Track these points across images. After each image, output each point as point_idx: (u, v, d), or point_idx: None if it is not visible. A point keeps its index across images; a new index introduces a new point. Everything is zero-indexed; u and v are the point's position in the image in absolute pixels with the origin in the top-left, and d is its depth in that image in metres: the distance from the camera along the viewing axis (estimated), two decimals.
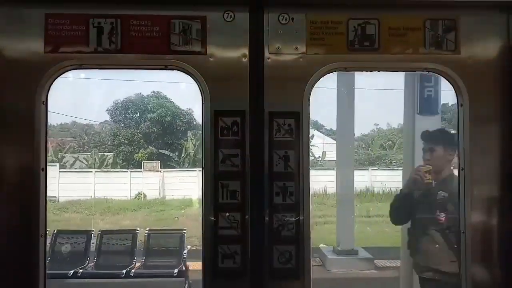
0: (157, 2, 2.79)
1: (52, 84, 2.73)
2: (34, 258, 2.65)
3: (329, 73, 2.80)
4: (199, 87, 2.75)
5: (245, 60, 2.76)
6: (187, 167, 24.45)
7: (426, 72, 2.87)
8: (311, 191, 2.82)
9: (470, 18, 2.78)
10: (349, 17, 2.78)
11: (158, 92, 25.94)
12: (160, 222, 15.95)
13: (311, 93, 2.78)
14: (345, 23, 2.79)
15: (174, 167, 24.59)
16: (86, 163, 23.47)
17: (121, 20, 2.74)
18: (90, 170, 22.22)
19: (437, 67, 2.79)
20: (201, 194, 2.75)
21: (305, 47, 2.78)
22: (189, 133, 26.02)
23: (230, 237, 2.69)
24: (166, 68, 2.79)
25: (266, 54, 2.77)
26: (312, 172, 2.86)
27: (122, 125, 25.22)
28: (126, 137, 24.19)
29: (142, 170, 22.49)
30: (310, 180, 2.76)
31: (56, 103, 3.13)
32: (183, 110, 26.24)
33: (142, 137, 24.91)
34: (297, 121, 2.73)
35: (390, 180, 23.31)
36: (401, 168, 25.11)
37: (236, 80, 2.76)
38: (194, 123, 25.82)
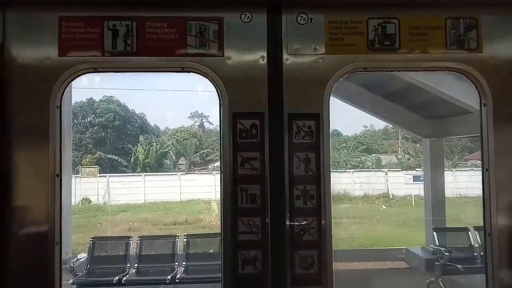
0: (173, 4, 2.72)
1: (66, 88, 2.67)
2: (50, 265, 2.59)
3: (349, 73, 2.77)
4: (216, 89, 2.70)
5: (263, 61, 2.71)
6: (138, 172, 24.00)
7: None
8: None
9: (491, 16, 2.77)
10: (368, 17, 2.75)
11: (110, 96, 25.32)
12: (77, 229, 15.45)
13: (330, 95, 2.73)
14: (364, 22, 2.76)
15: (124, 172, 24.07)
16: None
17: (136, 22, 2.68)
18: None
19: (459, 66, 2.77)
20: (219, 198, 2.69)
21: (324, 47, 2.74)
22: (141, 138, 25.52)
23: (250, 242, 2.64)
24: (182, 70, 2.73)
25: (285, 55, 2.73)
26: None
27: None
28: (74, 142, 23.33)
29: (80, 175, 21.96)
30: (331, 183, 2.70)
31: None
32: (136, 114, 25.76)
33: (91, 142, 24.12)
34: (317, 122, 2.69)
35: (338, 182, 23.89)
36: (350, 171, 25.94)
37: (254, 82, 2.71)
38: (148, 127, 25.42)
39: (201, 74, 2.70)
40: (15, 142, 2.60)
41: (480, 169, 2.80)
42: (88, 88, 24.45)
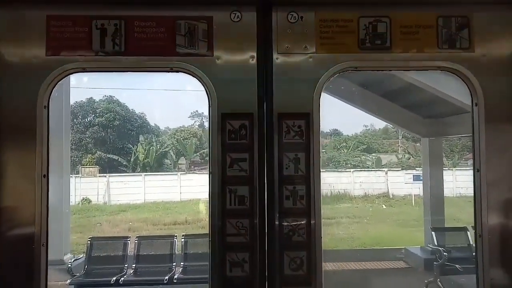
0: (162, 3, 2.69)
1: (54, 88, 2.63)
2: (36, 267, 2.55)
3: (339, 73, 2.73)
4: (205, 89, 2.67)
5: (253, 61, 2.68)
6: (138, 172, 24.04)
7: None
8: None
9: (483, 14, 2.74)
10: (359, 15, 2.72)
11: (110, 96, 25.38)
12: (76, 229, 15.43)
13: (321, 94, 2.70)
14: (355, 21, 2.72)
15: (124, 172, 24.10)
16: None
17: (125, 21, 2.65)
18: None
19: (451, 66, 2.73)
20: (208, 200, 2.67)
21: (314, 46, 2.70)
22: (141, 137, 25.56)
23: (239, 244, 2.61)
24: (171, 70, 2.70)
25: (275, 54, 2.69)
26: None
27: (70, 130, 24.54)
28: (73, 142, 23.38)
29: (80, 175, 22.01)
30: (321, 183, 2.66)
31: None
32: (136, 114, 25.82)
33: (91, 141, 24.16)
34: (307, 122, 2.65)
35: (338, 181, 23.91)
36: (350, 170, 25.95)
37: (243, 82, 2.68)
38: (148, 127, 25.46)
39: (190, 74, 2.67)
40: (1, 142, 2.56)
41: None
42: (84, 88, 24.51)
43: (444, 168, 13.76)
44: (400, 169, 25.34)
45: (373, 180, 24.09)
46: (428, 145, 11.14)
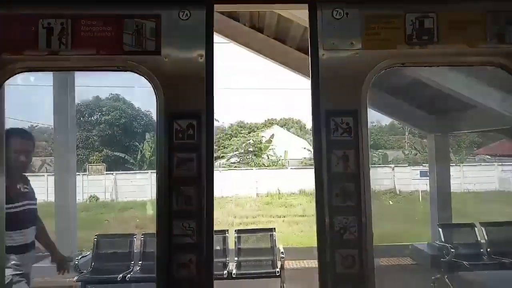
0: (109, 1, 2.64)
1: None
2: None
3: (386, 68, 2.71)
4: (153, 88, 2.62)
5: (201, 60, 2.62)
6: (145, 169, 24.16)
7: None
8: None
9: None
10: (406, 11, 2.69)
11: (116, 94, 25.49)
12: (83, 226, 15.72)
13: None
14: (402, 17, 2.69)
15: (131, 169, 24.23)
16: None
17: (71, 20, 2.60)
18: (43, 174, 21.42)
19: (500, 61, 2.69)
20: (155, 200, 2.60)
21: (361, 42, 2.68)
22: (147, 135, 25.69)
23: (185, 245, 2.56)
24: (118, 69, 2.65)
25: (321, 50, 2.66)
26: None
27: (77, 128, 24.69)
28: (81, 139, 23.56)
29: (87, 173, 22.16)
30: (370, 180, 2.65)
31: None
32: (142, 112, 25.93)
33: (97, 139, 24.32)
34: (355, 119, 2.62)
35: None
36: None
37: (192, 81, 2.63)
38: (154, 125, 25.67)
39: (137, 73, 2.62)
40: None
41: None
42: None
43: (451, 164, 13.68)
44: (407, 165, 25.23)
45: (379, 176, 24.02)
46: (435, 141, 11.09)
